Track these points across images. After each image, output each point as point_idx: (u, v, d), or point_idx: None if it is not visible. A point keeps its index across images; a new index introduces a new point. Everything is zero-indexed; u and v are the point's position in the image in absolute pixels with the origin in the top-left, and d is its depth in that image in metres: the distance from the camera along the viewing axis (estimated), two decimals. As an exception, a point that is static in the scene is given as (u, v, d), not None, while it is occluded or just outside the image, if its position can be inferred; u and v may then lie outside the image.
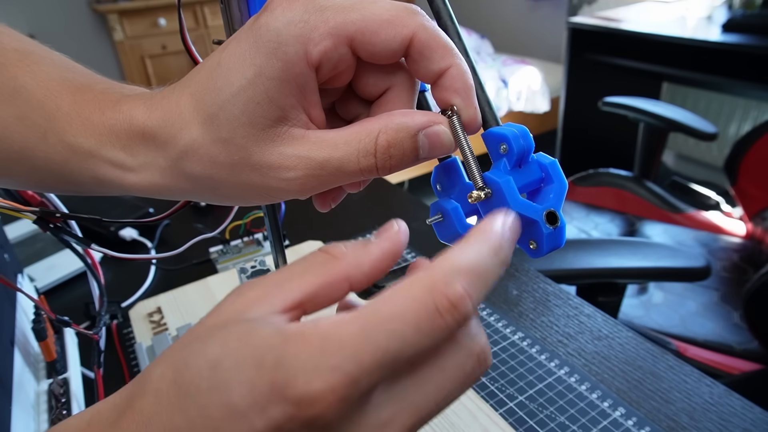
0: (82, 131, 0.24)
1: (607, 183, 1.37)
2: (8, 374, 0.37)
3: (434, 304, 0.16)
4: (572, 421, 0.41)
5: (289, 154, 0.22)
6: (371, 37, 0.21)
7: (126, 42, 2.78)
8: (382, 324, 0.16)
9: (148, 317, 0.56)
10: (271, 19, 0.21)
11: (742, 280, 1.05)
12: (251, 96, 0.21)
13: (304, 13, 0.20)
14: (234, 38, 0.22)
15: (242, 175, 0.22)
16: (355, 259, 0.19)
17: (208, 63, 0.22)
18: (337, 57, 0.21)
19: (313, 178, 0.22)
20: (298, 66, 0.21)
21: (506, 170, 0.22)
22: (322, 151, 0.22)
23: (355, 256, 0.19)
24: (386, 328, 0.16)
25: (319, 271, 0.18)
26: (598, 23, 1.75)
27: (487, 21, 3.20)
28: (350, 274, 0.19)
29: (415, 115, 0.22)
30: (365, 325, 0.16)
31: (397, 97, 0.23)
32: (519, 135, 0.22)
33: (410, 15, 0.21)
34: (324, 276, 0.18)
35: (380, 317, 0.16)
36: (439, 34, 0.21)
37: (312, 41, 0.20)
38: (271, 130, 0.21)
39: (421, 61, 0.21)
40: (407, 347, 0.16)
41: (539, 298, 0.56)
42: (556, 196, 0.22)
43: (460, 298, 0.17)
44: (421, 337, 0.16)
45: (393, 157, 0.21)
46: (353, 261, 0.19)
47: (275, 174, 0.22)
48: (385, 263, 0.19)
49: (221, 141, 0.22)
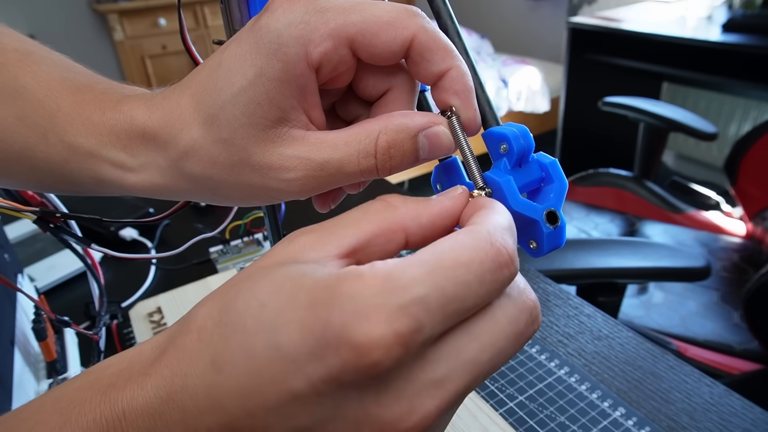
0: (83, 131, 0.24)
1: (607, 183, 1.37)
2: (8, 374, 0.37)
3: (497, 257, 0.16)
4: (572, 421, 0.41)
5: (289, 155, 0.22)
6: (371, 39, 0.21)
7: (126, 42, 2.78)
8: (447, 270, 0.15)
9: (148, 317, 0.56)
10: (271, 20, 0.21)
11: (742, 280, 1.05)
12: (252, 97, 0.21)
13: (304, 14, 0.20)
14: (234, 39, 0.22)
15: (242, 176, 0.22)
16: (414, 210, 0.18)
17: (209, 64, 0.22)
18: (337, 58, 0.21)
19: (313, 179, 0.22)
20: (299, 67, 0.21)
21: (506, 170, 0.22)
22: (322, 152, 0.21)
23: (414, 207, 0.18)
24: (452, 275, 0.15)
25: (375, 218, 0.18)
26: (598, 23, 1.75)
27: (487, 21, 3.20)
28: (407, 226, 0.18)
29: (415, 116, 0.22)
30: (432, 270, 0.15)
31: (398, 98, 0.23)
32: (519, 134, 0.22)
33: (410, 17, 0.21)
34: (380, 224, 0.18)
35: (445, 264, 0.16)
36: (439, 36, 0.21)
37: (312, 42, 0.20)
38: (272, 131, 0.22)
39: (421, 62, 0.21)
40: (470, 297, 0.16)
41: (539, 298, 0.56)
42: (557, 195, 0.22)
43: (514, 253, 0.17)
44: (484, 287, 0.16)
45: (393, 158, 0.21)
46: (412, 212, 0.18)
47: (275, 175, 0.22)
48: (445, 222, 0.19)
49: (221, 141, 0.22)
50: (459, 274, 0.16)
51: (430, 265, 0.15)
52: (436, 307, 0.15)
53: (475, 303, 0.16)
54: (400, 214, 0.18)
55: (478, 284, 0.16)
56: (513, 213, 0.21)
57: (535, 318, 0.18)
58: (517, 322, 0.17)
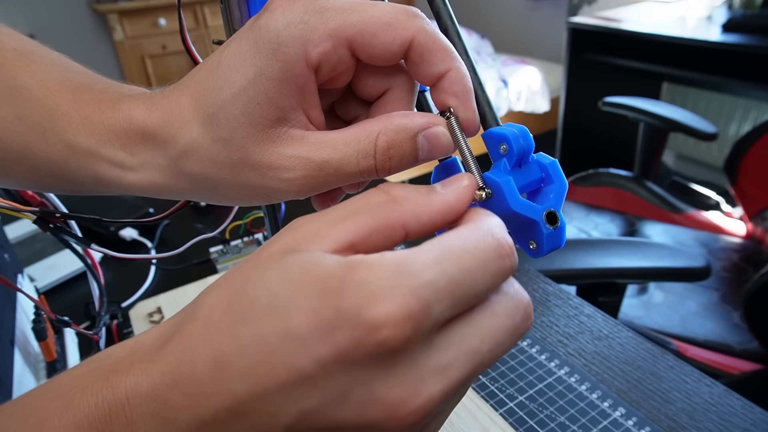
0: (82, 130, 0.24)
1: (607, 183, 1.37)
2: (8, 374, 0.37)
3: (498, 247, 0.17)
4: (572, 421, 0.41)
5: (289, 155, 0.22)
6: (371, 40, 0.21)
7: (126, 42, 2.78)
8: (454, 258, 0.16)
9: (148, 317, 0.56)
10: (271, 20, 0.21)
11: (742, 280, 1.05)
12: (251, 96, 0.21)
13: (304, 14, 0.20)
14: (234, 38, 0.22)
15: (241, 175, 0.22)
16: (415, 207, 0.18)
17: (209, 63, 0.22)
18: (336, 59, 0.21)
19: (312, 179, 0.22)
20: (298, 67, 0.21)
21: (506, 170, 0.22)
22: (321, 152, 0.22)
23: (415, 203, 0.18)
24: (459, 263, 0.16)
25: (376, 213, 0.18)
26: (598, 23, 1.75)
27: (487, 21, 3.20)
28: (407, 222, 0.18)
29: (414, 117, 0.22)
30: (440, 257, 0.16)
31: (397, 99, 0.23)
32: (519, 135, 0.22)
33: (410, 18, 0.21)
34: (380, 219, 0.18)
35: (453, 252, 0.16)
36: (438, 37, 0.21)
37: (311, 42, 0.20)
38: (271, 131, 0.22)
39: (420, 63, 0.21)
40: (476, 283, 0.17)
41: (539, 298, 0.56)
42: (556, 196, 0.22)
43: (513, 246, 0.18)
44: (488, 275, 0.17)
45: (392, 158, 0.21)
46: (413, 209, 0.18)
47: (274, 174, 0.22)
48: (445, 218, 0.19)
49: (221, 141, 0.22)
50: (465, 261, 0.16)
51: (438, 252, 0.16)
52: (445, 292, 0.16)
53: (479, 290, 0.17)
54: (402, 212, 0.18)
55: (482, 271, 0.17)
56: (513, 214, 0.21)
57: (528, 315, 0.19)
58: (514, 317, 0.18)
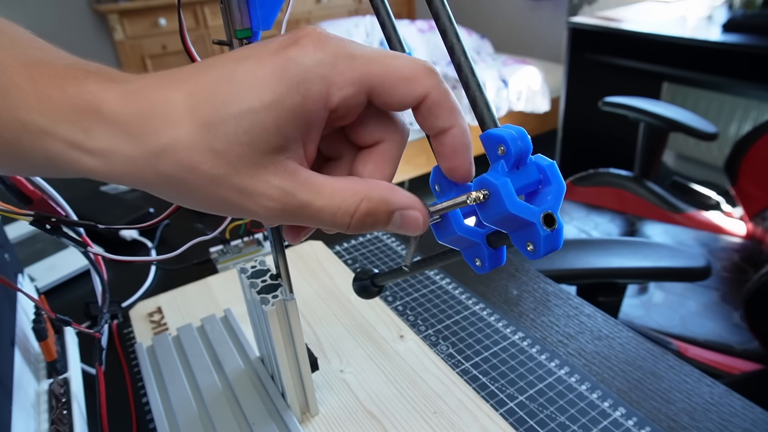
0: (38, 107, 0.23)
1: (607, 183, 1.37)
2: (8, 374, 0.37)
3: None
4: (572, 421, 0.41)
5: (275, 185, 0.22)
6: (389, 90, 0.22)
7: (126, 42, 2.78)
8: None
9: (149, 317, 0.56)
10: (301, 54, 0.21)
11: (743, 280, 1.05)
12: (261, 119, 0.21)
13: (334, 57, 0.21)
14: (255, 56, 0.22)
15: (218, 188, 0.22)
16: None
17: (219, 70, 0.22)
18: (354, 103, 0.22)
19: (288, 214, 0.22)
20: (316, 104, 0.21)
21: (504, 172, 0.22)
22: (306, 193, 0.22)
23: None
24: None
25: None
26: (598, 23, 1.75)
27: (487, 21, 3.20)
28: None
29: (400, 195, 0.23)
30: None
31: (387, 152, 0.25)
32: (517, 137, 0.22)
33: (428, 76, 0.22)
34: None
35: None
36: (449, 96, 0.23)
37: (336, 85, 0.21)
38: (267, 157, 0.22)
39: (428, 116, 0.23)
40: None
41: (539, 298, 0.56)
42: (554, 198, 0.22)
43: None
44: None
45: (365, 224, 0.23)
46: None
47: (254, 199, 0.22)
48: None
49: (212, 151, 0.21)
50: None
51: None
52: None
53: None
54: None
55: None
56: (510, 215, 0.21)
57: None
58: None
